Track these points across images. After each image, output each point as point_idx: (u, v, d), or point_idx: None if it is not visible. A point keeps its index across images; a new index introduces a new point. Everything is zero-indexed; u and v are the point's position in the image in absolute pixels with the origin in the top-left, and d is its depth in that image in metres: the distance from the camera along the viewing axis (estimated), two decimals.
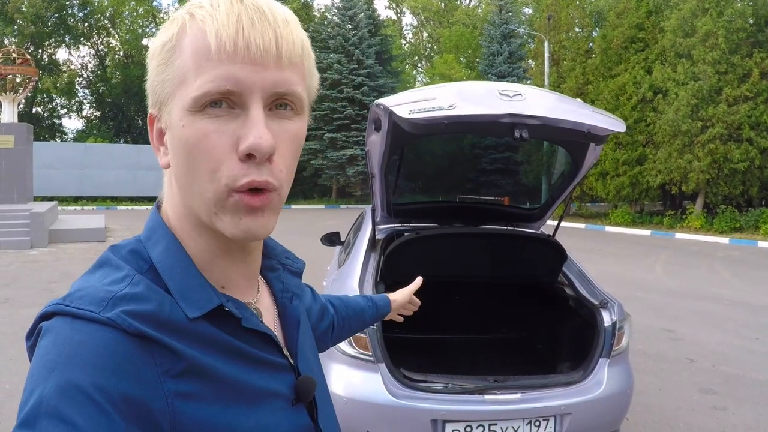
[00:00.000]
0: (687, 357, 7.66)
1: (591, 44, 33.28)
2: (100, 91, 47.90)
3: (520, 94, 3.56)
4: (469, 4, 65.49)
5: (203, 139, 0.83)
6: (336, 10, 41.43)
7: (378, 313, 1.83)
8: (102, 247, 16.45)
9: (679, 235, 24.64)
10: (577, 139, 3.89)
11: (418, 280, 2.06)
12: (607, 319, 4.13)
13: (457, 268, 5.15)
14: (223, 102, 0.83)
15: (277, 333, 1.05)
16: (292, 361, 1.02)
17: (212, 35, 0.82)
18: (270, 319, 1.05)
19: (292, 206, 37.20)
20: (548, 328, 5.20)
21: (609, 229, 27.53)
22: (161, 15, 48.68)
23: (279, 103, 0.87)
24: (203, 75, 0.82)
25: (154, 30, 48.65)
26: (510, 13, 45.44)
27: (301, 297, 1.14)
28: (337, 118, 38.06)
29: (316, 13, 47.33)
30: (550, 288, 5.14)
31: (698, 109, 24.31)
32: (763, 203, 27.45)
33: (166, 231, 0.93)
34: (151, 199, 35.07)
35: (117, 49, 48.96)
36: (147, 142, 38.82)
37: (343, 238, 6.96)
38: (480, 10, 59.41)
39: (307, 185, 41.99)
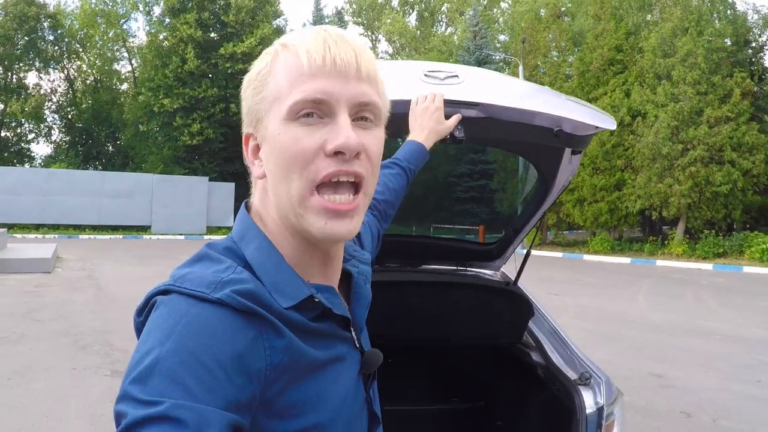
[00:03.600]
0: (682, 410, 6.60)
1: (569, 70, 32.81)
2: (70, 116, 46.95)
3: (456, 76, 2.35)
4: (444, 31, 65.33)
5: (296, 142, 0.93)
6: None
7: (415, 172, 1.86)
8: (47, 278, 15.58)
9: (660, 263, 24.07)
10: (543, 141, 2.54)
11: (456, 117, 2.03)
12: (589, 401, 2.84)
13: (392, 324, 3.83)
14: (314, 113, 0.94)
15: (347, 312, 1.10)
16: (356, 338, 1.09)
17: (303, 54, 0.95)
18: (344, 301, 1.11)
19: None
20: (511, 400, 4.05)
21: (587, 257, 26.97)
22: (131, 39, 47.78)
23: (360, 116, 0.98)
24: (297, 88, 0.94)
25: (124, 54, 47.93)
26: (485, 39, 45.13)
27: (370, 282, 1.21)
28: None
29: None
30: (512, 352, 3.85)
31: (678, 131, 23.90)
32: (746, 227, 26.87)
33: (258, 231, 1.02)
34: (114, 228, 34.23)
35: (87, 73, 47.90)
36: (115, 169, 38.56)
37: None
38: (456, 37, 59.17)
39: None
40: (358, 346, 1.09)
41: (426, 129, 1.90)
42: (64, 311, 11.26)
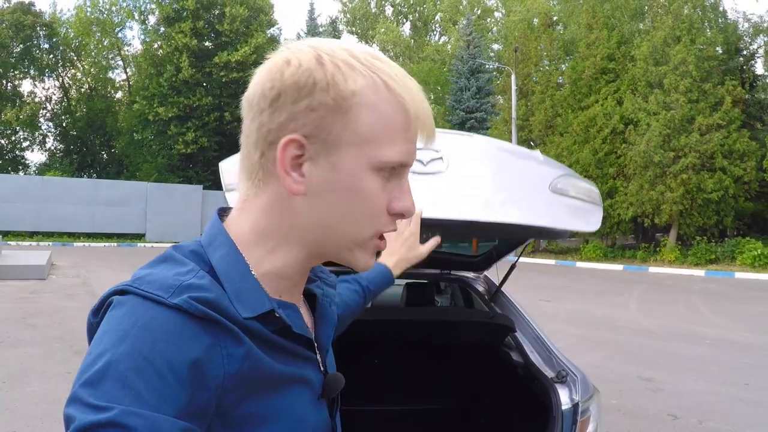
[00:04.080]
0: (669, 412, 6.67)
1: (561, 78, 32.93)
2: (64, 124, 46.76)
3: (440, 159, 2.42)
4: (438, 41, 65.44)
5: (373, 194, 0.94)
6: None
7: (375, 295, 1.80)
8: (42, 285, 15.58)
9: (652, 269, 24.18)
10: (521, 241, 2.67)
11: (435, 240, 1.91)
12: (565, 398, 2.94)
13: (376, 328, 3.92)
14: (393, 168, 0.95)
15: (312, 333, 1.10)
16: (320, 359, 1.07)
17: (413, 115, 0.94)
18: (306, 319, 1.09)
19: None
20: (493, 399, 4.13)
21: (580, 264, 27.02)
22: (126, 48, 47.71)
23: None
24: (395, 146, 0.93)
25: (119, 62, 47.86)
26: (478, 48, 45.25)
27: (336, 305, 1.21)
28: None
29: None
30: (493, 352, 3.95)
31: (670, 138, 24.04)
32: (738, 233, 27.02)
33: (227, 238, 0.99)
34: (109, 236, 34.12)
35: (82, 81, 47.82)
36: (110, 177, 38.42)
37: None
38: (449, 46, 59.28)
39: None
40: (322, 368, 1.07)
41: (396, 255, 1.79)
42: (59, 317, 11.29)
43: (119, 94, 48.84)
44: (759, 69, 33.31)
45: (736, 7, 56.09)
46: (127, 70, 47.68)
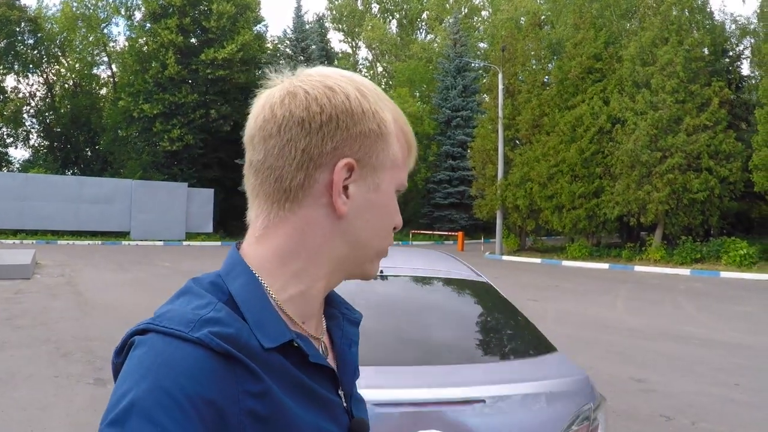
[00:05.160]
0: (662, 414, 6.68)
1: (547, 78, 32.98)
2: (48, 120, 46.32)
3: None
4: (424, 39, 65.47)
5: (394, 210, 1.06)
6: (288, 42, 40.71)
7: None
8: (26, 284, 15.43)
9: (638, 268, 24.29)
10: None
11: None
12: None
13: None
14: None
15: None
16: (345, 404, 1.07)
17: (413, 147, 1.10)
18: (330, 360, 1.09)
19: (220, 244, 36.21)
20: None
21: (566, 263, 27.09)
22: (111, 44, 47.32)
23: None
24: (405, 172, 1.09)
25: (104, 59, 47.52)
26: (464, 46, 45.32)
27: (358, 345, 1.19)
28: None
29: (269, 45, 46.51)
30: None
31: (657, 138, 24.14)
32: (723, 233, 27.20)
33: (245, 267, 1.00)
34: (93, 234, 33.89)
35: (66, 77, 47.43)
36: (94, 175, 38.06)
37: None
38: (436, 45, 59.32)
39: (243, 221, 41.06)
40: (345, 412, 1.06)
41: None
42: (45, 318, 11.19)
43: (104, 91, 48.51)
44: (745, 70, 33.66)
45: (724, 8, 56.40)
46: (113, 66, 47.35)
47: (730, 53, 31.95)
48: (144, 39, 39.60)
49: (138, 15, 42.52)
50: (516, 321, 3.98)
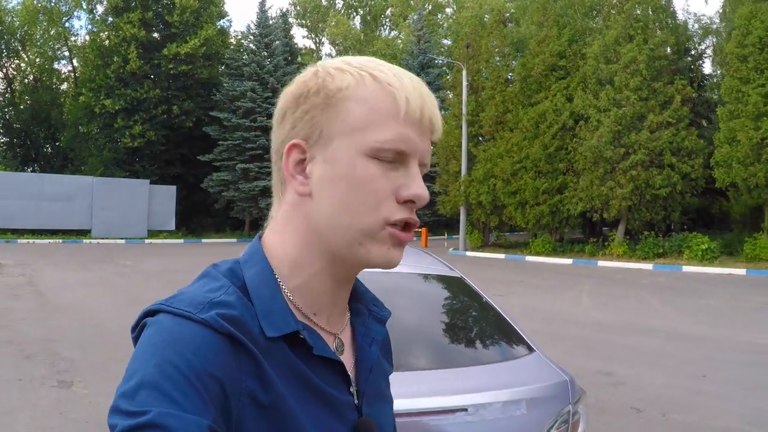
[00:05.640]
0: (632, 406, 6.73)
1: (511, 74, 33.15)
2: (8, 116, 45.33)
3: None
4: (388, 35, 65.53)
5: (373, 181, 0.95)
6: (252, 37, 40.46)
7: None
8: None
9: (601, 263, 24.57)
10: None
11: None
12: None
13: None
14: (393, 156, 0.96)
15: (351, 373, 1.08)
16: (357, 401, 1.06)
17: (402, 100, 0.96)
18: (348, 357, 1.09)
19: (203, 240, 35.99)
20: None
21: (530, 258, 27.34)
22: (73, 38, 46.46)
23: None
24: (386, 131, 0.95)
25: (65, 53, 46.70)
26: (428, 43, 45.39)
27: (380, 344, 1.17)
28: (250, 148, 36.97)
29: (232, 40, 46.22)
30: None
31: (620, 135, 24.44)
32: (684, 228, 27.60)
33: (263, 257, 1.02)
34: (54, 232, 33.45)
35: (27, 72, 46.52)
36: (54, 171, 37.44)
37: None
38: (399, 41, 59.40)
39: (219, 218, 40.70)
40: (356, 410, 1.05)
41: None
42: (6, 319, 11.03)
43: (65, 86, 47.69)
44: (707, 69, 34.20)
45: (688, 8, 57.38)
46: (74, 61, 46.55)
47: (693, 52, 32.44)
48: (106, 33, 39.08)
49: (100, 8, 41.81)
50: (493, 318, 3.98)
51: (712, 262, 22.59)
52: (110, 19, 38.89)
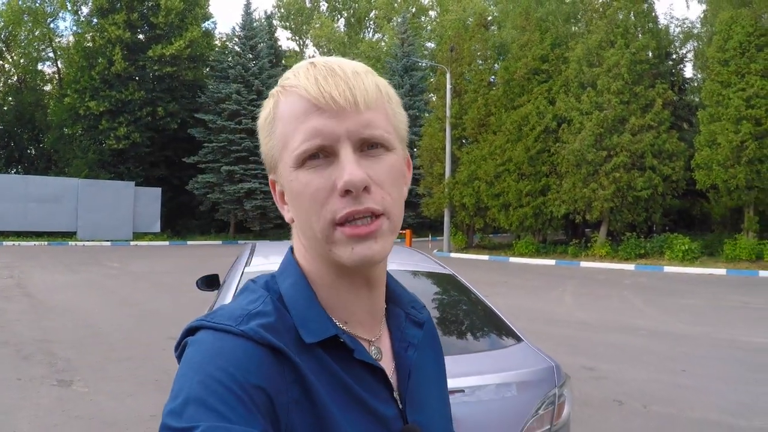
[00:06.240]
0: (615, 399, 7.00)
1: (493, 78, 33.36)
2: None
3: None
4: (372, 38, 65.59)
5: (307, 186, 0.94)
6: (237, 40, 40.47)
7: None
8: None
9: (584, 264, 24.83)
10: None
11: None
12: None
13: None
14: (320, 154, 0.94)
15: (392, 379, 1.07)
16: (401, 407, 1.05)
17: (303, 94, 0.94)
18: (388, 362, 1.08)
19: (188, 242, 35.92)
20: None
21: (513, 260, 27.53)
22: (58, 39, 46.12)
23: (369, 144, 0.96)
24: (298, 134, 0.94)
25: (50, 54, 46.40)
26: (412, 46, 45.58)
27: (418, 347, 1.14)
28: (235, 150, 36.85)
29: (217, 42, 46.15)
30: None
31: (602, 138, 24.73)
32: (665, 229, 27.94)
33: (296, 269, 1.05)
34: (39, 234, 33.22)
35: (11, 73, 46.17)
36: (38, 173, 37.04)
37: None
38: (383, 44, 59.50)
39: (204, 220, 40.58)
40: (401, 417, 1.04)
41: None
42: (1, 320, 11.13)
43: (49, 87, 47.35)
44: (688, 73, 34.63)
45: (671, 12, 57.87)
46: (59, 62, 46.24)
47: (674, 56, 32.81)
48: (91, 34, 38.86)
49: (85, 10, 41.56)
50: (483, 312, 4.23)
51: (692, 263, 22.94)
52: (95, 20, 38.62)
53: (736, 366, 8.61)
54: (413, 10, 60.74)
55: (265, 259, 4.82)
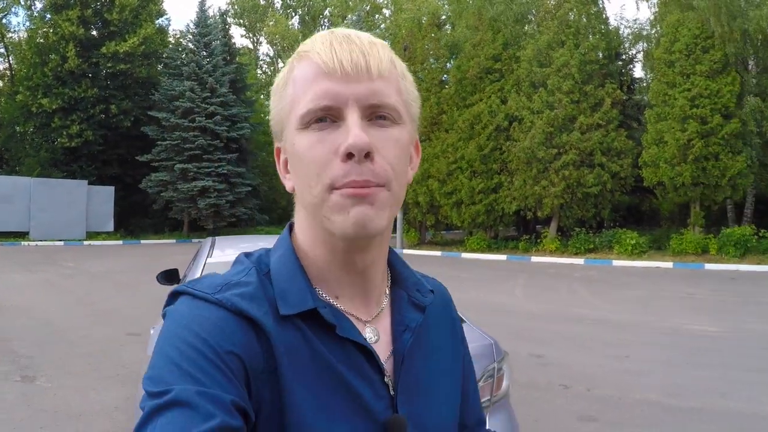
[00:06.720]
0: (560, 383, 7.35)
1: (446, 76, 33.61)
2: None
3: None
4: None
5: (310, 149, 0.93)
6: (191, 36, 40.15)
7: None
8: None
9: (535, 259, 25.31)
10: None
11: None
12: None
13: None
14: (326, 118, 0.93)
15: (387, 364, 1.03)
16: (392, 392, 1.01)
17: (316, 58, 0.94)
18: (385, 346, 1.05)
19: (142, 241, 35.64)
20: None
21: (465, 255, 27.87)
22: (9, 35, 45.16)
23: (378, 115, 0.95)
24: (307, 96, 0.94)
25: (2, 50, 45.42)
26: None
27: (418, 332, 1.09)
28: (189, 148, 36.37)
29: (171, 39, 45.73)
30: None
31: (553, 136, 25.22)
32: (614, 224, 28.58)
33: (287, 242, 1.05)
34: (3, 234, 32.71)
35: None
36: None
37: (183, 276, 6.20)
38: None
39: (158, 219, 40.19)
40: (390, 405, 1.00)
41: None
42: None
43: (0, 84, 46.48)
44: (638, 73, 35.40)
45: (622, 13, 58.90)
46: (10, 58, 45.39)
47: (624, 57, 33.52)
48: (44, 30, 38.23)
49: (39, 5, 40.85)
50: None
51: (640, 256, 23.57)
52: (48, 16, 37.92)
53: (677, 351, 9.01)
54: (368, 8, 60.81)
55: (225, 252, 5.05)
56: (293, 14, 67.13)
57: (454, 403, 1.17)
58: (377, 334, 1.05)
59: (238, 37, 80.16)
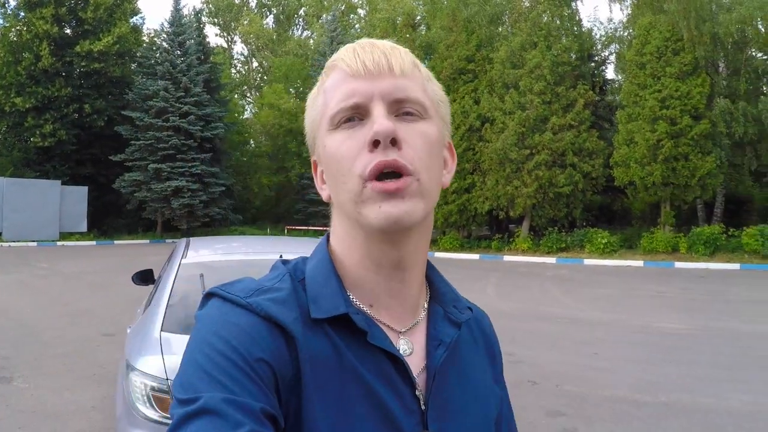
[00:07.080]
0: (529, 380, 7.55)
1: None
2: None
3: None
4: (301, 35, 65.44)
5: (339, 147, 0.95)
6: (165, 36, 39.93)
7: None
8: None
9: (507, 258, 25.58)
10: None
11: None
12: None
13: None
14: (354, 117, 0.96)
15: (420, 378, 1.01)
16: (423, 407, 0.98)
17: (342, 65, 0.98)
18: (418, 359, 1.03)
19: (115, 241, 35.40)
20: None
21: (438, 254, 27.94)
22: None
23: (404, 111, 0.97)
24: (335, 98, 0.97)
25: None
26: (341, 44, 45.09)
27: (452, 348, 1.06)
28: (162, 148, 36.03)
29: (145, 38, 45.45)
30: None
31: (525, 137, 25.49)
32: (586, 224, 28.86)
33: (323, 249, 1.05)
34: None
35: None
36: None
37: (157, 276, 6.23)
38: (312, 41, 59.37)
39: (131, 219, 39.87)
40: (421, 422, 0.97)
41: None
42: None
43: None
44: (609, 74, 35.78)
45: (596, 15, 59.18)
46: None
47: (596, 58, 33.86)
48: (17, 28, 37.81)
49: (12, 2, 40.32)
50: None
51: (611, 255, 23.92)
52: (22, 14, 37.52)
53: (646, 349, 9.25)
54: (343, 8, 60.73)
55: (199, 253, 5.13)
56: (268, 13, 66.96)
57: (488, 430, 1.10)
58: (411, 347, 1.02)
59: (213, 36, 79.95)
